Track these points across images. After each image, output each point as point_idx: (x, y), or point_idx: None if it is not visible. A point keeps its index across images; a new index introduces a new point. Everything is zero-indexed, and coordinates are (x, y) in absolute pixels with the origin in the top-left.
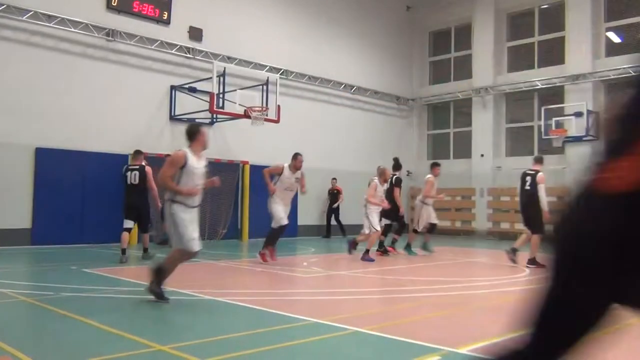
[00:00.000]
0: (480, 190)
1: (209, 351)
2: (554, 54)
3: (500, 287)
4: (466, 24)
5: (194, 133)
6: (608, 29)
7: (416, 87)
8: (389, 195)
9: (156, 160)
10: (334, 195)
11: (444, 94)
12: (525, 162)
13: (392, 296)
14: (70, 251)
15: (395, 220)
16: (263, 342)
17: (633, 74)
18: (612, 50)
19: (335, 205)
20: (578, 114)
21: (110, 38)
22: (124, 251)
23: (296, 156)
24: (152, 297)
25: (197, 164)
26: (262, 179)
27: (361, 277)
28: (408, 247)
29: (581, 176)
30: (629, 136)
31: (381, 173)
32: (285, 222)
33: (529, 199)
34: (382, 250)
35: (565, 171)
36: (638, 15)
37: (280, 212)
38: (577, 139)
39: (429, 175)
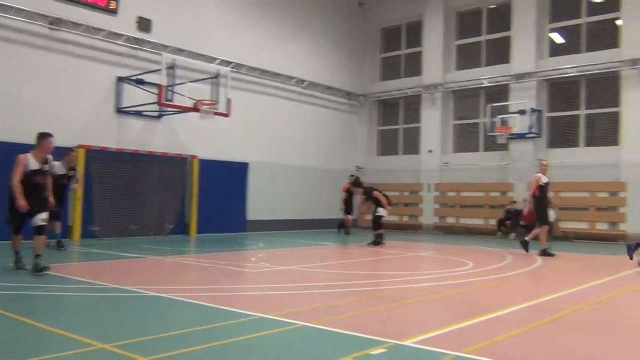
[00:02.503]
0: (428, 186)
1: (155, 349)
2: (500, 53)
3: (445, 280)
4: (417, 22)
5: None
6: (552, 30)
7: (367, 83)
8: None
9: (102, 153)
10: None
11: (394, 90)
12: (471, 158)
13: (339, 290)
14: (9, 248)
15: None
16: (210, 338)
17: (574, 74)
18: (555, 50)
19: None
20: (522, 112)
21: (54, 27)
22: (17, 253)
23: None
24: None
25: None
26: None
27: (308, 272)
28: None
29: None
30: None
31: None
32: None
33: None
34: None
35: (508, 167)
36: (580, 17)
37: None
38: (521, 136)
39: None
